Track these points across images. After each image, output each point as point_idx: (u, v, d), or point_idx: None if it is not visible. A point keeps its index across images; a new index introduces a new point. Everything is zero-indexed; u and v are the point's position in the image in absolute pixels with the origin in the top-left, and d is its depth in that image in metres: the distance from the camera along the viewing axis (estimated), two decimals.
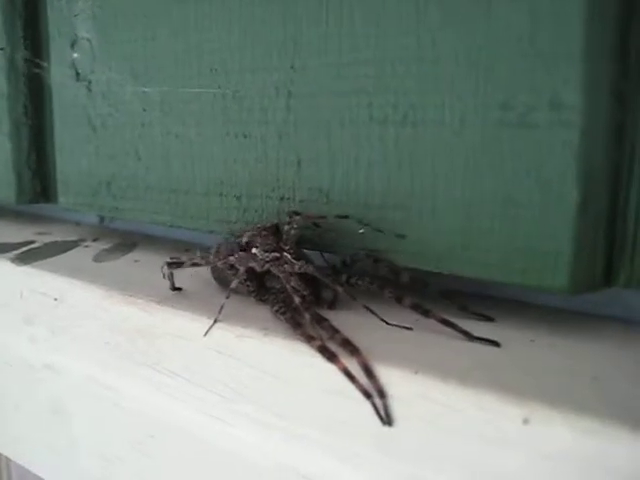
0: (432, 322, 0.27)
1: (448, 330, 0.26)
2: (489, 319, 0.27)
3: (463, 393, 0.22)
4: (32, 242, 0.41)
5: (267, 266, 0.29)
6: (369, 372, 0.23)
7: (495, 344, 0.25)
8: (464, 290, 0.30)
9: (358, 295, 0.27)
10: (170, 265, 0.31)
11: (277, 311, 0.28)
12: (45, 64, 0.41)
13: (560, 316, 0.29)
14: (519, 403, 0.21)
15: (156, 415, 0.32)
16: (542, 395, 0.21)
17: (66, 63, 0.39)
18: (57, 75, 0.40)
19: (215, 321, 0.29)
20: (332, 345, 0.25)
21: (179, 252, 0.38)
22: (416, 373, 0.23)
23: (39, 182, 0.43)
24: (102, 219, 0.46)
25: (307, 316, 0.26)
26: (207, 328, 0.29)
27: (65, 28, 0.39)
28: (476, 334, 0.26)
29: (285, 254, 0.28)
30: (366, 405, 0.24)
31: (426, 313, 0.26)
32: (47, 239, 0.42)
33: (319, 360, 0.25)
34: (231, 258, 0.29)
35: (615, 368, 0.24)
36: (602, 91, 0.23)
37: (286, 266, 0.28)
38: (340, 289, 0.27)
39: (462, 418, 0.22)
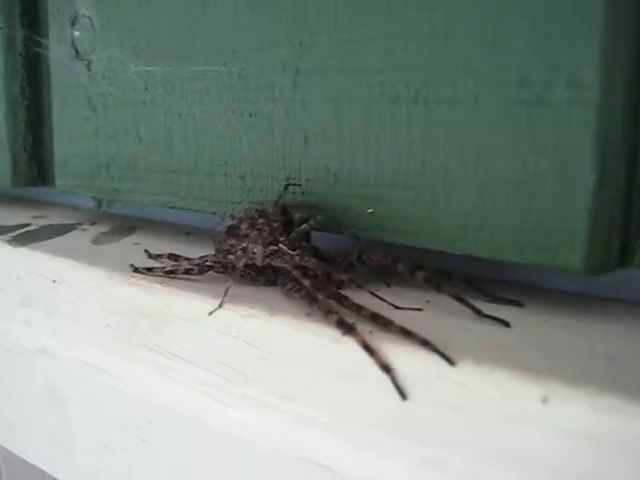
0: (441, 304, 0.26)
1: (458, 310, 0.25)
2: (517, 303, 0.27)
3: (480, 372, 0.22)
4: (28, 225, 0.40)
5: (267, 260, 0.28)
6: (410, 335, 0.23)
7: (505, 323, 0.25)
8: (475, 274, 0.30)
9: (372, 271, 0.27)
10: (168, 273, 0.31)
11: (290, 289, 0.27)
12: (44, 43, 0.40)
13: (573, 299, 0.28)
14: (538, 381, 0.21)
15: (155, 400, 0.31)
16: (560, 373, 0.21)
17: (65, 42, 0.38)
18: (56, 54, 0.39)
19: (221, 305, 0.28)
20: (356, 320, 0.24)
21: (179, 236, 0.38)
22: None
23: (35, 165, 0.42)
24: (99, 203, 0.45)
25: (320, 297, 0.25)
26: (212, 309, 0.28)
27: (65, 6, 0.38)
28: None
29: (282, 246, 0.28)
30: (379, 386, 0.23)
31: (438, 287, 0.26)
32: (43, 222, 0.41)
33: (329, 340, 0.25)
34: (230, 257, 0.29)
35: (630, 348, 0.23)
36: (620, 69, 0.23)
37: (285, 257, 0.27)
38: (345, 277, 0.26)
39: (479, 398, 0.21)
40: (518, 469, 0.21)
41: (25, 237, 0.37)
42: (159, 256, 0.33)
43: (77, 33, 0.37)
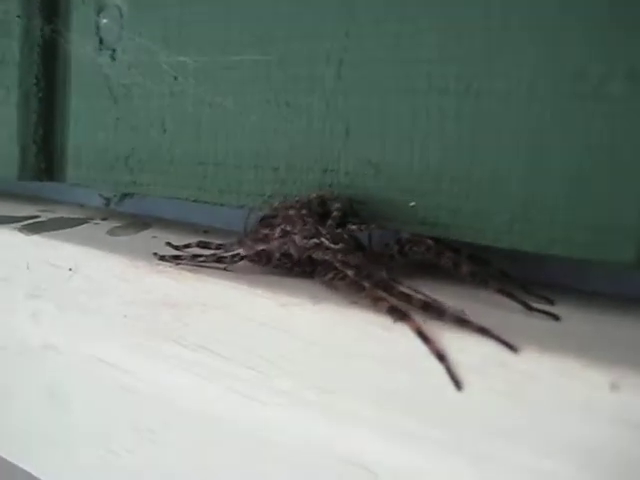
0: (485, 300, 0.26)
1: (505, 305, 0.25)
2: (549, 301, 0.26)
3: (544, 359, 0.21)
4: (36, 217, 0.38)
5: (307, 253, 0.28)
6: (466, 323, 0.22)
7: (554, 317, 0.24)
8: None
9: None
10: (193, 258, 0.30)
11: (333, 278, 0.26)
12: (64, 33, 0.39)
13: (620, 299, 0.28)
14: (605, 368, 0.20)
15: (172, 398, 0.30)
16: (628, 360, 0.20)
17: (89, 31, 0.37)
18: (78, 44, 0.38)
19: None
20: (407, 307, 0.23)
21: (196, 234, 0.37)
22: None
23: (44, 158, 0.41)
24: (108, 202, 0.43)
25: (367, 285, 0.24)
26: (248, 298, 0.27)
27: None
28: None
29: (324, 240, 0.27)
30: (432, 377, 0.22)
31: (484, 282, 0.25)
32: (52, 215, 0.40)
33: (378, 327, 0.24)
34: (269, 246, 0.28)
35: None
36: None
37: (327, 251, 0.27)
38: (386, 276, 0.26)
39: (543, 386, 0.21)
40: (585, 462, 0.20)
41: (36, 226, 0.36)
42: (186, 246, 0.31)
43: (104, 21, 0.36)
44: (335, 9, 0.29)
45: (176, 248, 0.32)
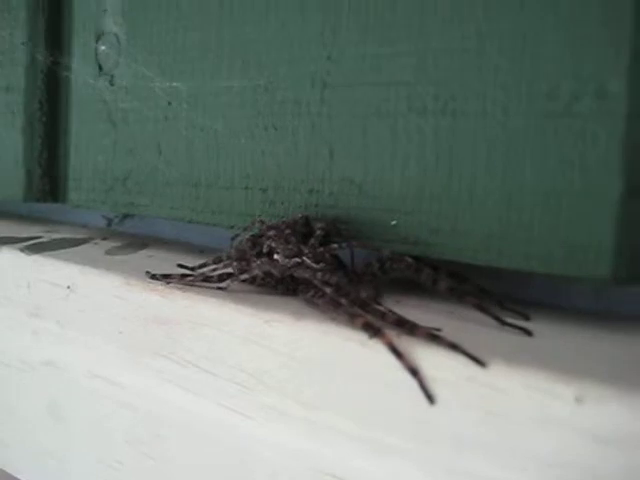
0: (463, 315, 0.26)
1: (480, 320, 0.25)
2: (524, 316, 0.27)
3: (511, 373, 0.21)
4: (39, 237, 0.40)
5: (289, 272, 0.28)
6: (437, 339, 0.23)
7: (527, 332, 0.25)
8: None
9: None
10: (182, 277, 0.31)
11: (313, 296, 0.27)
12: (65, 59, 0.40)
13: (594, 314, 0.28)
14: (570, 381, 0.20)
15: (165, 412, 0.31)
16: (593, 374, 0.21)
17: (89, 58, 0.39)
18: (78, 70, 0.40)
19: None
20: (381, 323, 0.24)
21: (193, 253, 0.38)
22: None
23: (48, 180, 0.42)
24: (109, 222, 0.45)
25: (344, 302, 0.25)
26: (234, 315, 0.28)
27: (91, 23, 0.39)
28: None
29: (305, 259, 0.28)
30: (405, 390, 0.23)
31: (461, 298, 0.26)
32: (55, 236, 0.41)
33: (354, 343, 0.24)
34: (253, 265, 0.29)
35: None
36: None
37: (308, 270, 0.28)
38: (365, 295, 0.26)
39: (511, 400, 0.21)
40: (553, 476, 0.20)
41: (37, 247, 0.37)
42: (202, 266, 0.32)
43: (102, 48, 0.38)
44: (318, 33, 0.30)
45: (183, 267, 0.33)
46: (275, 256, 0.28)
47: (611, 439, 0.19)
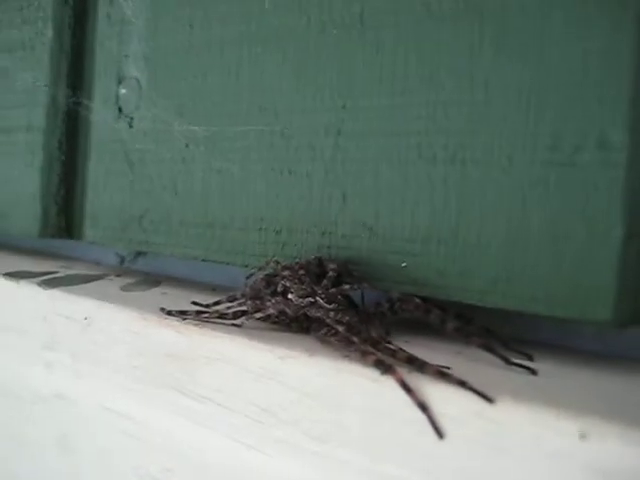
0: (469, 356, 0.27)
1: (487, 360, 0.26)
2: (528, 356, 0.28)
3: (518, 409, 0.22)
4: (55, 272, 0.41)
5: (302, 312, 0.29)
6: (446, 376, 0.24)
7: (532, 371, 0.26)
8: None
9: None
10: (197, 314, 0.32)
11: (325, 334, 0.28)
12: (86, 101, 0.42)
13: (596, 356, 0.29)
14: (575, 418, 0.21)
15: (176, 446, 0.31)
16: (597, 411, 0.22)
17: (110, 100, 0.40)
18: (99, 111, 0.41)
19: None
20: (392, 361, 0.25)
21: (206, 291, 0.39)
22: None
23: (64, 218, 0.44)
24: (123, 260, 0.46)
25: (356, 340, 0.26)
26: (249, 351, 0.29)
27: (113, 67, 0.40)
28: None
29: (318, 299, 0.29)
30: (416, 425, 0.24)
31: (468, 338, 0.27)
32: (70, 272, 0.42)
33: (366, 380, 0.25)
34: (268, 304, 0.30)
35: None
36: None
37: (321, 310, 0.29)
38: (376, 335, 0.27)
39: (517, 435, 0.22)
40: None
41: (54, 281, 0.38)
42: (216, 303, 0.33)
43: (123, 91, 0.39)
44: (334, 82, 0.32)
45: (197, 304, 0.33)
46: (289, 295, 0.29)
47: (614, 473, 0.20)
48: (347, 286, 0.29)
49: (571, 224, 0.26)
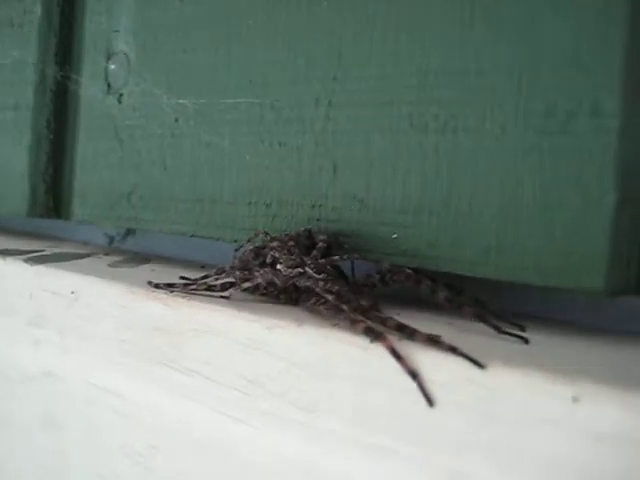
0: (460, 326, 0.27)
1: (478, 330, 0.26)
2: (520, 327, 0.28)
3: (509, 374, 0.22)
4: (42, 251, 0.40)
5: (290, 282, 0.29)
6: (437, 343, 0.23)
7: (524, 340, 0.25)
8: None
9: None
10: (185, 287, 0.31)
11: (314, 304, 0.28)
12: (75, 77, 0.41)
13: (587, 328, 0.29)
14: (567, 382, 0.21)
15: (162, 421, 0.31)
16: (589, 375, 0.21)
17: (98, 76, 0.40)
18: (87, 88, 0.41)
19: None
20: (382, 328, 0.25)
21: (195, 268, 0.38)
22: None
23: (52, 197, 0.43)
24: (111, 240, 0.45)
25: (345, 308, 0.26)
26: (236, 322, 0.28)
27: (102, 43, 0.40)
28: None
29: (307, 269, 0.29)
30: (406, 394, 0.23)
31: (459, 307, 0.26)
32: (57, 250, 0.41)
33: (356, 348, 0.25)
34: (256, 274, 0.29)
35: None
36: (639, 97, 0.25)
37: (311, 280, 0.28)
38: (365, 303, 0.27)
39: (509, 401, 0.22)
40: (551, 474, 0.21)
41: (41, 258, 0.37)
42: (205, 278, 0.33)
43: (112, 67, 0.39)
44: (325, 54, 0.31)
45: (194, 280, 0.33)
46: (278, 266, 0.29)
47: (607, 437, 0.20)
48: (337, 257, 0.29)
49: (564, 191, 0.25)
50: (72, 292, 0.34)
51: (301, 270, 0.29)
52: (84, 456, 0.34)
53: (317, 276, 0.28)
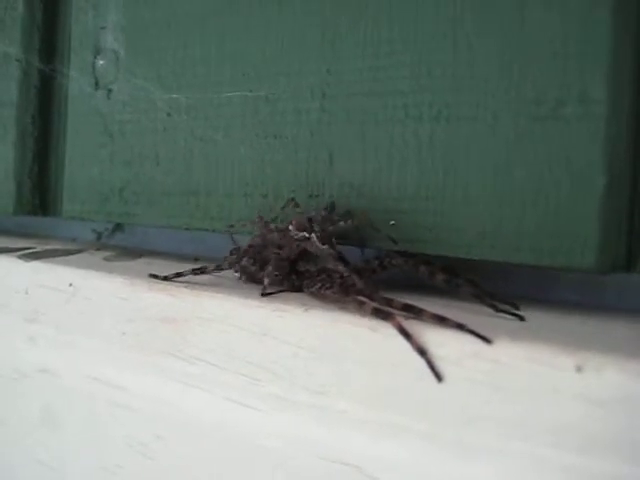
0: (458, 307, 0.28)
1: (475, 310, 0.27)
2: (515, 306, 0.29)
3: (515, 348, 0.23)
4: (32, 248, 0.40)
5: (295, 247, 0.30)
6: (444, 321, 0.24)
7: (520, 317, 0.27)
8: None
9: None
10: (195, 271, 0.32)
11: (320, 288, 0.28)
12: (61, 74, 0.42)
13: (579, 306, 0.30)
14: (570, 352, 0.22)
15: (167, 411, 0.31)
16: (591, 346, 0.23)
17: (86, 73, 0.40)
18: (75, 85, 0.41)
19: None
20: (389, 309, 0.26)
21: (189, 261, 0.39)
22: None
23: (38, 194, 0.43)
24: (99, 235, 0.45)
25: (352, 290, 0.27)
26: (242, 309, 0.29)
27: (89, 40, 0.40)
28: None
29: (313, 236, 0.29)
30: (414, 372, 0.24)
31: (457, 287, 0.28)
32: (47, 247, 0.41)
33: (365, 329, 0.26)
34: (268, 236, 0.30)
35: None
36: (626, 85, 0.26)
37: (314, 247, 0.29)
38: (363, 286, 0.28)
39: (516, 373, 0.23)
40: (557, 441, 0.22)
41: (34, 255, 0.37)
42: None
43: (100, 63, 0.39)
44: (318, 46, 0.32)
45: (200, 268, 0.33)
46: (289, 227, 0.30)
47: (610, 402, 0.21)
48: (341, 222, 0.29)
49: (555, 176, 0.27)
50: (70, 284, 0.34)
51: (307, 235, 0.29)
52: (86, 450, 0.35)
53: (321, 246, 0.29)
